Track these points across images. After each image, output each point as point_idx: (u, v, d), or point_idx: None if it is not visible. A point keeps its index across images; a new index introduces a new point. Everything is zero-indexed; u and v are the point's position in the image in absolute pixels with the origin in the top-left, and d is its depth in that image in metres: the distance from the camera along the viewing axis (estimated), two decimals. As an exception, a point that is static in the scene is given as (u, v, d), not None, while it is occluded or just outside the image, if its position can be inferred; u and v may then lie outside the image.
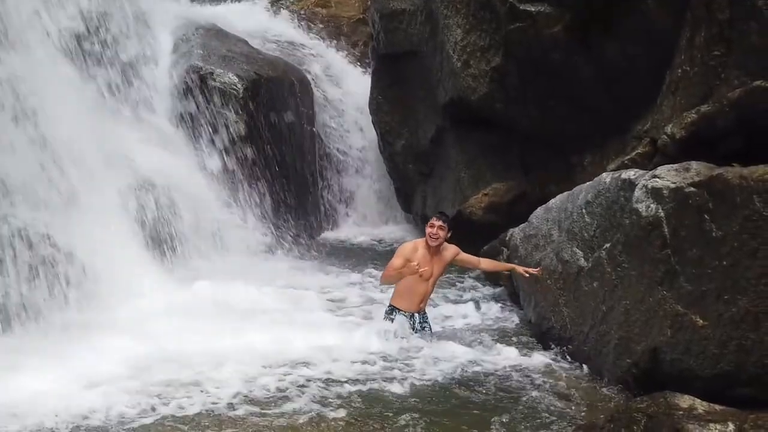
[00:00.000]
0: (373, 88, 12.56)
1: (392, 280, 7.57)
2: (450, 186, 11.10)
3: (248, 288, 8.61)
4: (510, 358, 7.19)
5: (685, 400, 5.36)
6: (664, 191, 5.97)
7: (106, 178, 8.87)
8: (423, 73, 11.20)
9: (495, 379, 6.74)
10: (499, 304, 8.85)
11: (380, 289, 8.89)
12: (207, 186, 10.38)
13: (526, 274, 7.74)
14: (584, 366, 6.87)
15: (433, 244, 7.47)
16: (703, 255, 5.75)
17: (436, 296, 8.76)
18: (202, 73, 10.86)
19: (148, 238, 9.05)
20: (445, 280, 9.54)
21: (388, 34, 11.70)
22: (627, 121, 8.39)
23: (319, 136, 12.98)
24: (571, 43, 8.63)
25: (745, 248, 5.56)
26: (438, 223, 7.45)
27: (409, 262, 7.36)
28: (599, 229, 6.74)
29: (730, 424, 5.09)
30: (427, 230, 7.51)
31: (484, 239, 9.69)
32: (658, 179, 6.05)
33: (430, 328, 7.71)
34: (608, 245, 6.58)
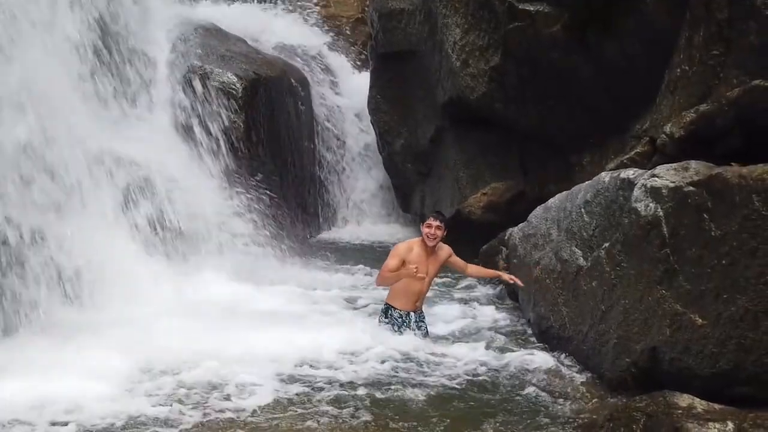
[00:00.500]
0: (372, 88, 12.57)
1: (388, 282, 7.55)
2: (449, 185, 11.10)
3: (249, 287, 8.61)
4: (508, 358, 7.17)
5: (685, 399, 5.36)
6: (663, 190, 5.96)
7: (105, 178, 8.88)
8: (422, 73, 11.20)
9: (493, 379, 6.73)
10: (498, 304, 8.86)
11: (379, 289, 8.88)
12: (206, 185, 10.37)
13: (511, 281, 7.83)
14: (583, 365, 6.86)
15: (430, 244, 7.45)
16: (702, 254, 5.74)
17: (435, 296, 8.77)
18: (201, 73, 10.87)
19: (147, 237, 9.04)
20: (443, 279, 9.56)
21: (387, 34, 11.71)
22: (626, 120, 8.40)
23: (318, 136, 13.00)
24: (570, 43, 8.63)
25: (745, 247, 5.55)
26: (435, 223, 7.42)
27: (404, 261, 7.35)
28: (598, 228, 6.74)
29: (730, 423, 5.08)
30: (424, 230, 7.46)
31: (482, 239, 9.70)
32: (657, 178, 6.05)
33: (426, 328, 7.70)
34: (607, 244, 6.57)
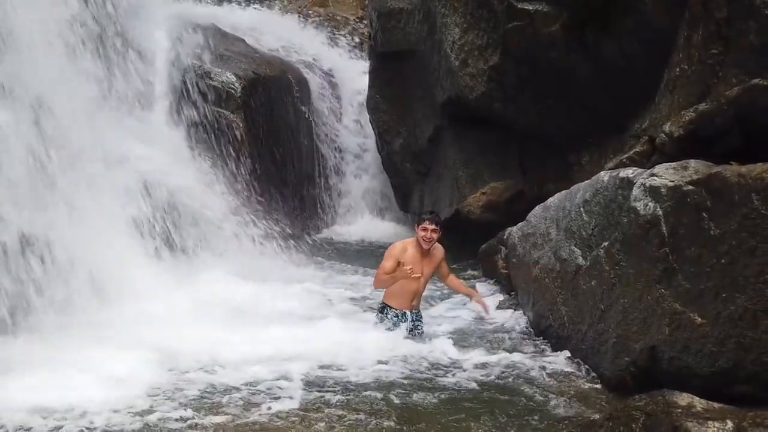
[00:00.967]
0: (371, 87, 12.57)
1: (385, 285, 7.63)
2: (448, 185, 11.10)
3: (252, 287, 8.62)
4: (507, 357, 7.17)
5: (684, 398, 5.36)
6: (663, 190, 5.96)
7: (104, 178, 8.87)
8: (421, 72, 11.20)
9: (492, 378, 6.73)
10: (497, 303, 8.83)
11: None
12: (205, 185, 10.37)
13: (479, 305, 7.91)
14: (582, 364, 6.86)
15: (426, 247, 7.53)
16: (702, 253, 5.74)
17: (433, 295, 8.76)
18: (200, 72, 10.86)
19: (147, 237, 9.04)
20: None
21: (386, 33, 11.70)
22: (625, 119, 8.39)
23: (316, 135, 12.99)
24: (568, 42, 8.63)
25: (744, 246, 5.55)
26: (431, 227, 7.49)
27: (399, 262, 7.44)
28: (597, 227, 6.73)
29: (729, 421, 5.07)
30: (420, 233, 7.52)
31: (481, 238, 9.70)
32: (656, 178, 6.05)
33: (423, 328, 7.72)
34: (606, 244, 6.57)
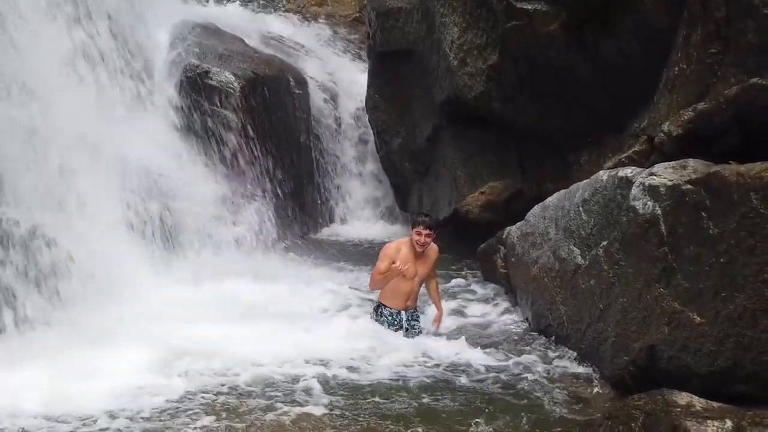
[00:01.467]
0: (369, 87, 12.55)
1: (380, 285, 7.73)
2: (446, 184, 11.09)
3: (253, 286, 8.64)
4: (506, 357, 7.18)
5: (683, 398, 5.37)
6: (661, 189, 5.96)
7: (103, 177, 8.86)
8: (420, 72, 11.19)
9: (491, 378, 6.73)
10: (496, 302, 8.84)
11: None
12: (204, 184, 10.37)
13: (435, 326, 7.85)
14: (581, 364, 6.87)
15: (419, 250, 7.61)
16: (701, 252, 5.75)
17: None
18: (199, 72, 10.85)
19: (146, 236, 9.04)
20: (440, 278, 9.55)
21: (385, 33, 11.69)
22: (624, 118, 8.39)
23: (315, 135, 12.98)
24: (567, 42, 8.62)
25: (743, 245, 5.56)
26: (425, 232, 7.57)
27: (393, 263, 7.51)
28: (596, 226, 6.74)
29: (728, 421, 5.08)
30: (414, 237, 7.61)
31: (480, 238, 9.69)
32: (655, 177, 6.05)
33: (420, 327, 7.74)
34: (605, 243, 6.57)
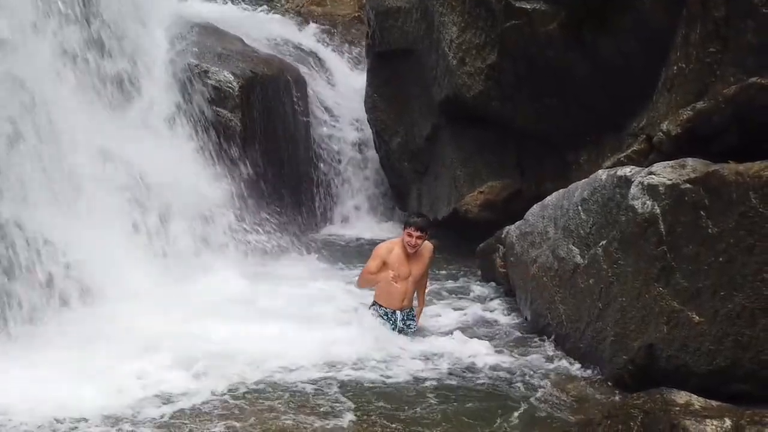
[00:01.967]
0: (368, 86, 12.55)
1: (369, 284, 7.75)
2: (445, 184, 11.09)
3: (254, 286, 8.63)
4: (505, 356, 7.18)
5: (682, 397, 5.37)
6: (660, 188, 5.97)
7: (101, 176, 8.86)
8: (419, 71, 11.19)
9: (490, 377, 6.73)
10: (495, 302, 8.83)
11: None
12: (204, 183, 10.35)
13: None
14: (580, 363, 6.87)
15: (410, 251, 7.59)
16: (699, 251, 5.76)
17: (430, 294, 8.73)
18: (198, 71, 10.84)
19: (145, 236, 9.02)
20: (439, 277, 9.56)
21: (384, 32, 11.69)
22: (623, 118, 8.40)
23: (314, 134, 12.98)
24: (566, 41, 8.62)
25: (742, 245, 5.57)
26: (416, 234, 7.54)
27: (385, 262, 7.54)
28: (595, 226, 6.74)
29: (727, 420, 5.08)
30: (405, 238, 7.58)
31: (479, 237, 9.69)
32: (654, 176, 6.06)
33: (415, 327, 7.72)
34: (604, 242, 6.58)
